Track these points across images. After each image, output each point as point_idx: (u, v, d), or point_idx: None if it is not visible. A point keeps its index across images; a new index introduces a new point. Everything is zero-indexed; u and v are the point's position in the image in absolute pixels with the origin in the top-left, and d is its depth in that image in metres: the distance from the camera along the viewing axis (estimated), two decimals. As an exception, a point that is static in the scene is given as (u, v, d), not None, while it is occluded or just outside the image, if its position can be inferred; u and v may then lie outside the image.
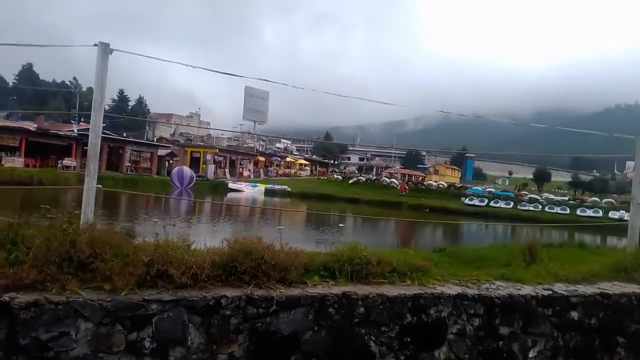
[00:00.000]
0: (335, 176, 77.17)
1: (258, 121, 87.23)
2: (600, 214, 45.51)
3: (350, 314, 2.91)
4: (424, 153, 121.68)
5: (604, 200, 54.43)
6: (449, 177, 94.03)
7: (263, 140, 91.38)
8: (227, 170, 66.17)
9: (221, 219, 22.69)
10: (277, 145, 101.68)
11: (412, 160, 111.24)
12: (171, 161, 60.14)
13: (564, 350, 3.62)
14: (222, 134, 79.20)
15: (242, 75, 4.45)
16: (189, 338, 2.53)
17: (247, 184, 55.52)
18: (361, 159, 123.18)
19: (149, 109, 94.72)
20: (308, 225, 22.90)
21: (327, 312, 2.84)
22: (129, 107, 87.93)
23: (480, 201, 53.55)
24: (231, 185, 52.95)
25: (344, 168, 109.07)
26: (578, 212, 47.41)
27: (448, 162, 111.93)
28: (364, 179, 70.10)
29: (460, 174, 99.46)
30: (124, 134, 61.21)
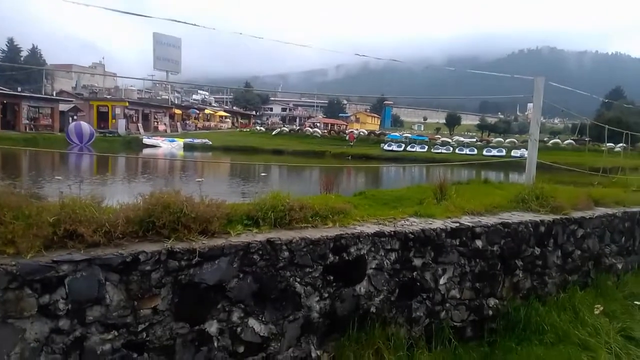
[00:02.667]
0: (258, 128, 76.00)
1: (171, 71, 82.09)
2: (504, 152, 49.73)
3: (275, 259, 2.97)
4: (345, 102, 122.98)
5: (507, 140, 59.40)
6: (370, 124, 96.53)
7: (178, 92, 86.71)
8: (140, 124, 62.35)
9: (137, 176, 21.62)
10: (195, 97, 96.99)
11: (334, 109, 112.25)
12: (75, 117, 55.29)
13: (470, 275, 4.00)
14: (132, 86, 73.75)
15: (143, 15, 4.09)
16: (107, 296, 2.44)
17: (163, 138, 52.89)
18: (284, 110, 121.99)
19: (44, 60, 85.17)
20: (232, 178, 22.61)
21: (251, 259, 2.87)
22: (22, 59, 78.39)
23: (398, 146, 56.05)
24: (146, 140, 50.19)
25: (267, 119, 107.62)
26: (484, 152, 51.50)
27: (368, 110, 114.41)
28: (287, 130, 69.83)
29: (379, 121, 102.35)
30: (19, 89, 54.87)
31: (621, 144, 11.56)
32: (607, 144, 15.24)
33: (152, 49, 79.05)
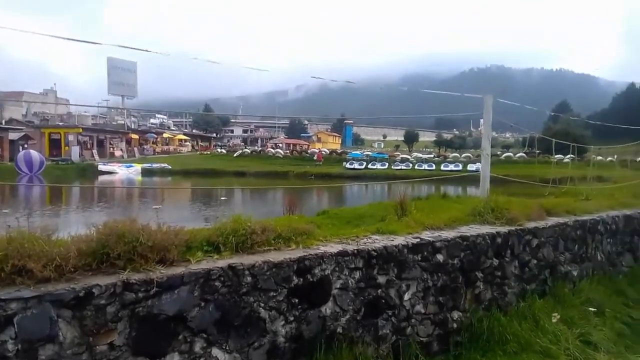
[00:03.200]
0: (219, 150, 75.19)
1: (126, 95, 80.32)
2: (460, 167, 51.29)
3: (238, 285, 2.91)
4: (306, 122, 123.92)
5: (463, 155, 61.38)
6: (331, 144, 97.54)
7: (135, 116, 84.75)
8: (94, 151, 60.39)
9: (92, 205, 20.82)
10: (152, 121, 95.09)
11: (295, 129, 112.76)
12: (26, 145, 52.96)
13: (433, 289, 4.06)
14: (86, 111, 71.59)
15: (93, 42, 4.00)
16: (60, 334, 2.31)
17: (120, 164, 51.35)
18: (245, 131, 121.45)
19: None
20: (193, 203, 22.15)
21: (213, 286, 2.80)
22: (-34, 86, 74.66)
23: (359, 164, 56.89)
24: (102, 167, 48.63)
25: (228, 141, 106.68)
26: (442, 167, 53.00)
27: (329, 130, 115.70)
28: (249, 151, 69.49)
29: (340, 140, 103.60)
30: (-37, 118, 52.21)
31: (570, 155, 12.18)
32: (556, 156, 16.00)
33: (107, 74, 77.29)
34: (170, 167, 52.91)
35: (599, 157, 21.58)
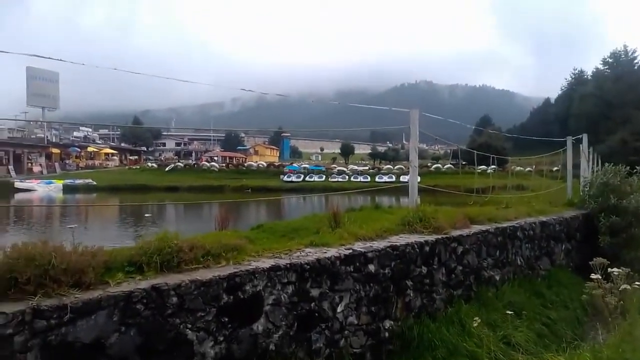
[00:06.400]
0: (150, 164, 72.12)
1: (47, 107, 75.19)
2: (394, 178, 52.94)
3: (162, 306, 2.77)
4: (243, 134, 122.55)
5: (396, 167, 63.43)
6: (269, 156, 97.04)
7: (56, 130, 79.36)
8: (11, 167, 55.81)
9: (7, 226, 19.12)
10: (76, 134, 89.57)
11: (231, 142, 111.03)
12: None
13: (366, 300, 4.11)
14: (1, 125, 66.14)
15: (4, 51, 3.70)
16: (-45, 372, 2.07)
17: (39, 181, 47.75)
18: (178, 144, 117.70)
19: None
20: (120, 221, 21.02)
21: (134, 309, 2.64)
22: None
23: (297, 177, 57.02)
24: (18, 184, 45.00)
25: (160, 155, 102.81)
26: (377, 179, 54.44)
27: (267, 142, 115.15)
28: (182, 165, 67.26)
29: (278, 153, 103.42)
30: None
31: (492, 166, 13.04)
32: (480, 167, 17.01)
33: (26, 84, 72.04)
34: (95, 183, 49.94)
35: (518, 168, 23.21)
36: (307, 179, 56.51)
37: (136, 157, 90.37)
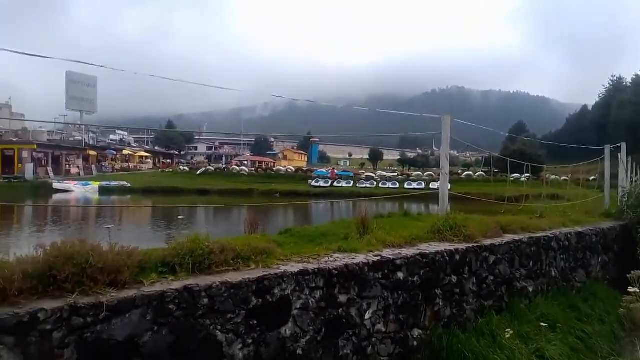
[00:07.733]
0: (182, 167, 73.69)
1: (85, 111, 77.93)
2: (423, 185, 52.31)
3: (193, 307, 2.82)
4: (273, 139, 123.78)
5: (425, 174, 62.68)
6: (297, 161, 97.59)
7: (94, 132, 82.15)
8: (50, 168, 58.06)
9: (45, 225, 19.87)
10: (112, 137, 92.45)
11: (261, 146, 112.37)
12: (-24, 162, 50.44)
13: (394, 307, 4.07)
14: (41, 127, 68.89)
15: (47, 56, 3.87)
16: (0, 363, 2.17)
17: (76, 182, 49.47)
18: (209, 148, 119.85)
19: (-62, 101, 77.59)
20: (153, 222, 21.54)
21: (167, 309, 2.70)
22: None
23: (325, 182, 57.08)
24: (57, 185, 46.73)
25: (191, 158, 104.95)
26: (406, 185, 53.88)
27: (295, 147, 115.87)
28: (213, 169, 68.46)
29: (306, 158, 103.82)
30: None
31: (526, 174, 12.71)
32: (513, 175, 16.61)
33: (65, 88, 74.96)
34: (129, 184, 51.39)
35: (553, 176, 22.54)
36: (335, 184, 56.55)
37: (169, 160, 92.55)
